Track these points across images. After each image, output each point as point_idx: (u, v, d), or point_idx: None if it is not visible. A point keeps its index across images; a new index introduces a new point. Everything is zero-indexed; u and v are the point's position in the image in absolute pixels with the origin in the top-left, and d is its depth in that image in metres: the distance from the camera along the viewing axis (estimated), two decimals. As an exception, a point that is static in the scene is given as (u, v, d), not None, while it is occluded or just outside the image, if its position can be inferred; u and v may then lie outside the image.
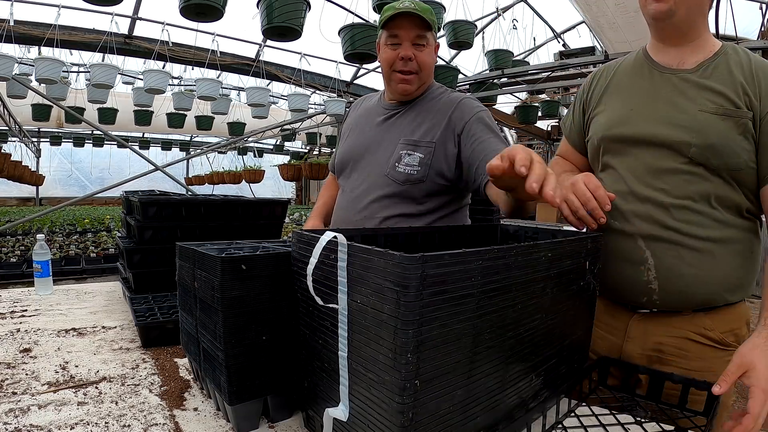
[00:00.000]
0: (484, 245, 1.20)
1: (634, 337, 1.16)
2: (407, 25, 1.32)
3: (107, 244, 6.84)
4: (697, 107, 1.05)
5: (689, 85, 1.08)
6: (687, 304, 1.10)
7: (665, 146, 1.08)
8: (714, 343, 1.11)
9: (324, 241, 0.72)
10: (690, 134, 1.04)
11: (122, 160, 14.75)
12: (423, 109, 1.42)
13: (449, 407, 0.68)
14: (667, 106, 1.09)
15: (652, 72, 1.15)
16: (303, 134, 10.93)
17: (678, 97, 1.08)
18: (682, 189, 1.07)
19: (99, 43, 5.00)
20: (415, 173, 1.35)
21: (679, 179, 1.07)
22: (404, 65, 1.35)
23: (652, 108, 1.11)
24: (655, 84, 1.13)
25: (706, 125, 1.03)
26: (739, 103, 1.03)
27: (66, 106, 6.64)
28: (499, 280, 0.72)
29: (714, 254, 1.07)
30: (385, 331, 0.62)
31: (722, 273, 1.08)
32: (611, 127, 1.17)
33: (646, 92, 1.13)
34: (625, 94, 1.17)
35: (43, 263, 1.82)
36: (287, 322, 0.87)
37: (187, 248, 0.95)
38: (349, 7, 5.58)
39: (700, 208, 1.06)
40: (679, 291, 1.09)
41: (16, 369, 1.12)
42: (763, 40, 4.27)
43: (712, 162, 1.04)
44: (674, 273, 1.08)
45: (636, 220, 1.11)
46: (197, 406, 0.96)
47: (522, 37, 8.64)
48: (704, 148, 1.03)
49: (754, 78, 1.04)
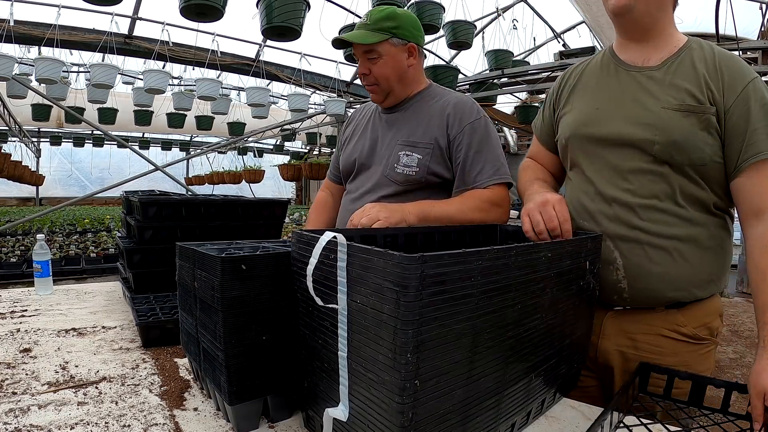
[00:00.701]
0: (485, 245, 1.21)
1: (609, 334, 1.17)
2: (356, 45, 1.39)
3: (107, 244, 6.84)
4: (660, 104, 1.06)
5: (653, 82, 1.08)
6: (657, 302, 1.11)
7: (630, 145, 1.08)
8: (687, 338, 1.12)
9: (324, 241, 0.72)
10: (653, 132, 1.05)
11: (122, 160, 14.75)
12: (420, 111, 1.44)
13: (449, 407, 0.68)
14: (632, 104, 1.10)
15: (618, 70, 1.15)
16: (303, 134, 10.92)
17: (643, 95, 1.09)
18: (647, 188, 1.07)
19: (99, 43, 5.01)
20: (414, 174, 1.38)
21: (644, 179, 1.08)
22: (364, 80, 1.45)
23: (618, 107, 1.12)
24: (620, 82, 1.13)
25: (669, 122, 1.04)
26: (702, 98, 1.03)
27: (66, 106, 6.63)
28: (499, 280, 0.72)
29: (681, 252, 1.07)
30: (384, 331, 0.62)
31: (690, 271, 1.08)
32: (578, 127, 1.18)
33: (612, 91, 1.14)
34: (592, 93, 1.18)
35: (43, 263, 1.83)
36: (287, 322, 0.87)
37: (187, 248, 0.95)
38: (349, 7, 5.58)
39: (666, 206, 1.07)
40: (648, 289, 1.10)
41: (16, 369, 1.12)
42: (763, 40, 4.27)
43: (675, 159, 1.04)
44: (642, 272, 1.09)
45: (604, 221, 1.12)
46: (197, 406, 0.96)
47: (522, 37, 8.66)
48: (667, 145, 1.04)
49: (717, 72, 1.03)
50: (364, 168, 1.51)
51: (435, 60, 6.82)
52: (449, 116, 1.39)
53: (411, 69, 1.44)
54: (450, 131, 1.38)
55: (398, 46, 1.40)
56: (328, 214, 1.69)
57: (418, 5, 4.45)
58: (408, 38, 1.41)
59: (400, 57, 1.41)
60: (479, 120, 1.39)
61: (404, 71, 1.43)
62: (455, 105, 1.40)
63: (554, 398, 0.99)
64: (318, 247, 0.73)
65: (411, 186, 1.39)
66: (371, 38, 1.35)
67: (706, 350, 1.14)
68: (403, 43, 1.40)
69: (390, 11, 1.39)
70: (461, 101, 1.42)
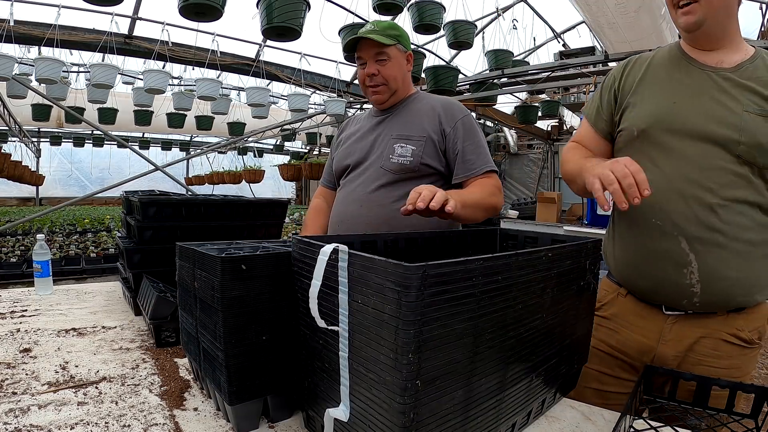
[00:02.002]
0: (485, 248, 1.21)
1: (670, 340, 1.15)
2: (366, 46, 1.52)
3: (107, 244, 6.84)
4: (742, 107, 1.04)
5: (730, 84, 1.07)
6: (725, 306, 1.10)
7: (713, 142, 1.06)
8: (743, 342, 1.11)
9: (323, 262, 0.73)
10: (738, 132, 1.04)
11: (122, 160, 14.74)
12: (412, 110, 1.57)
13: (450, 407, 0.68)
14: (712, 103, 1.07)
15: (690, 68, 1.13)
16: (303, 134, 10.92)
17: (722, 95, 1.07)
18: (728, 188, 1.05)
19: (99, 43, 5.00)
20: (408, 163, 1.49)
21: (725, 178, 1.05)
22: (371, 81, 1.55)
23: (697, 103, 1.09)
24: (695, 80, 1.11)
25: (753, 125, 1.03)
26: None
27: (66, 106, 6.63)
28: (500, 281, 0.72)
29: (754, 257, 1.07)
30: (386, 331, 0.62)
31: (759, 275, 1.08)
32: (656, 118, 1.13)
33: (688, 87, 1.11)
34: (665, 87, 1.14)
35: (43, 263, 1.82)
36: (287, 322, 0.87)
37: (187, 248, 0.95)
38: (349, 7, 5.58)
39: (743, 209, 1.05)
40: (722, 293, 1.08)
41: (16, 369, 1.12)
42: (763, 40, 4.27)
43: (758, 161, 1.03)
44: (717, 276, 1.07)
45: (680, 220, 1.09)
46: (197, 406, 0.96)
47: (522, 37, 8.65)
48: (753, 147, 1.03)
49: None
50: (359, 164, 1.59)
51: (435, 60, 6.82)
52: (440, 114, 1.52)
53: (408, 74, 1.61)
54: (444, 127, 1.50)
55: (401, 53, 1.56)
56: (323, 220, 1.73)
57: (418, 5, 4.44)
58: (407, 47, 1.59)
59: (402, 62, 1.57)
60: (468, 116, 1.54)
61: (405, 75, 1.59)
62: (444, 104, 1.55)
63: (555, 398, 0.99)
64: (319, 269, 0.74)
65: (405, 175, 1.49)
66: (386, 40, 1.50)
67: (754, 354, 1.14)
68: (404, 50, 1.57)
69: (393, 23, 1.58)
70: (449, 101, 1.57)
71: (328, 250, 0.72)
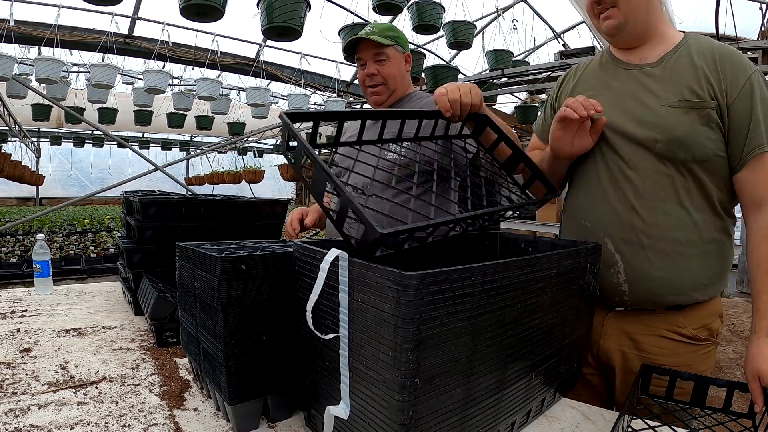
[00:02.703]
0: (485, 252, 1.20)
1: (610, 334, 1.17)
2: (366, 47, 1.57)
3: (107, 244, 6.84)
4: (660, 102, 1.06)
5: (653, 80, 1.09)
6: (657, 305, 1.11)
7: (633, 143, 1.08)
8: (687, 339, 1.12)
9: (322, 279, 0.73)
10: (655, 130, 1.05)
11: (122, 160, 14.75)
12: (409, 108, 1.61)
13: (449, 405, 0.68)
14: (632, 102, 1.10)
15: (617, 69, 1.16)
16: (303, 134, 10.92)
17: (643, 93, 1.09)
18: (651, 188, 1.07)
19: (99, 43, 5.00)
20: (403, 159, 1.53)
21: (649, 178, 1.07)
22: (371, 81, 1.60)
23: (619, 104, 1.12)
24: (621, 81, 1.14)
25: (670, 119, 1.04)
26: (702, 93, 1.03)
27: (66, 106, 6.63)
28: (499, 280, 0.72)
29: (683, 257, 1.07)
30: (385, 330, 0.63)
31: (691, 275, 1.08)
32: None
33: (613, 89, 1.15)
34: (593, 93, 1.18)
35: (43, 263, 1.83)
36: (287, 322, 0.87)
37: (187, 248, 0.95)
38: (349, 7, 5.58)
39: (670, 209, 1.06)
40: (649, 293, 1.10)
41: (16, 369, 1.12)
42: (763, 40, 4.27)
43: (679, 155, 1.04)
44: (643, 276, 1.09)
45: (605, 222, 1.12)
46: (197, 406, 0.96)
47: (522, 37, 8.65)
48: (669, 143, 1.04)
49: (717, 67, 1.04)
50: None
51: (435, 60, 6.82)
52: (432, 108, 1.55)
53: (407, 74, 1.67)
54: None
55: (400, 53, 1.62)
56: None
57: (418, 5, 4.45)
58: (405, 48, 1.65)
59: (401, 62, 1.63)
60: None
61: (404, 75, 1.64)
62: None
63: (554, 398, 0.99)
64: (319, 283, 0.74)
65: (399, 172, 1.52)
66: (385, 41, 1.56)
67: (706, 351, 1.14)
68: (402, 51, 1.63)
69: (391, 25, 1.65)
70: None
71: (327, 263, 0.72)
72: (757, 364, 0.94)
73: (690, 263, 1.07)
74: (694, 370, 1.06)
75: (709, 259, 1.09)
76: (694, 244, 1.07)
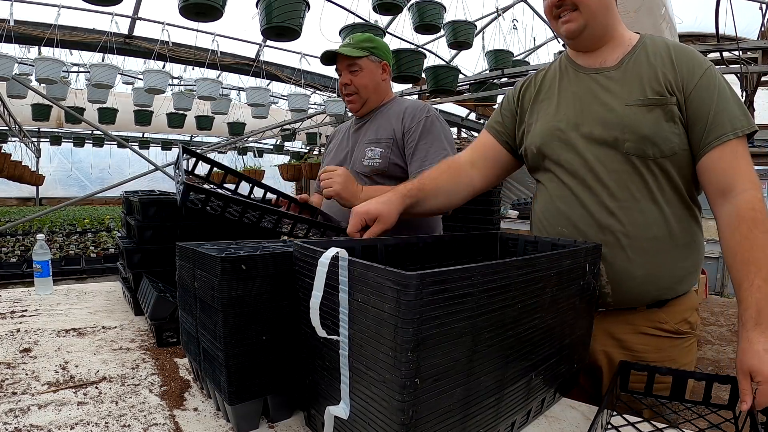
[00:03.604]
0: (485, 252, 1.21)
1: (594, 336, 1.17)
2: (341, 59, 1.68)
3: (107, 244, 6.84)
4: (623, 102, 1.07)
5: (613, 82, 1.10)
6: (640, 302, 1.13)
7: (602, 145, 1.09)
8: (670, 333, 1.13)
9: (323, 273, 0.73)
10: (621, 130, 1.06)
11: (122, 160, 14.73)
12: (384, 116, 1.71)
13: (449, 405, 0.68)
14: (597, 106, 1.11)
15: (577, 75, 1.17)
16: (303, 134, 10.92)
17: (605, 96, 1.10)
18: (625, 189, 1.08)
19: (99, 43, 5.00)
20: (378, 164, 1.63)
21: (620, 178, 1.08)
22: (345, 89, 1.71)
23: (583, 109, 1.13)
24: (581, 85, 1.15)
25: (635, 119, 1.05)
26: (662, 90, 1.05)
27: (66, 106, 6.62)
28: (499, 280, 0.72)
29: (662, 252, 1.08)
30: (385, 330, 0.63)
31: (670, 269, 1.10)
32: (550, 133, 1.18)
33: (574, 95, 1.16)
34: (556, 101, 1.19)
35: (43, 263, 1.82)
36: (287, 322, 0.87)
37: (187, 248, 0.95)
38: (349, 7, 5.58)
39: (644, 207, 1.08)
40: (632, 292, 1.11)
41: (16, 369, 1.12)
42: (763, 40, 4.26)
43: (648, 153, 1.06)
44: (626, 276, 1.10)
45: (582, 226, 1.12)
46: (197, 406, 0.96)
47: (522, 37, 8.64)
48: (638, 141, 1.05)
49: (673, 63, 1.06)
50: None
51: (435, 60, 6.80)
52: (404, 114, 1.65)
53: (383, 83, 1.75)
54: (404, 124, 1.63)
55: (375, 63, 1.70)
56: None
57: (418, 5, 4.44)
58: (382, 58, 1.72)
59: (376, 72, 1.71)
60: (430, 118, 1.63)
61: (378, 84, 1.72)
62: (410, 106, 1.68)
63: (554, 397, 0.99)
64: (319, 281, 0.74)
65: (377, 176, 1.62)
66: (356, 53, 1.65)
67: (688, 343, 1.16)
68: (378, 60, 1.71)
69: (369, 36, 1.72)
70: (415, 103, 1.71)
71: (327, 259, 0.72)
72: (748, 360, 0.93)
73: (669, 257, 1.09)
74: (679, 364, 1.09)
75: (686, 251, 1.11)
76: (670, 238, 1.08)
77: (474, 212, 2.21)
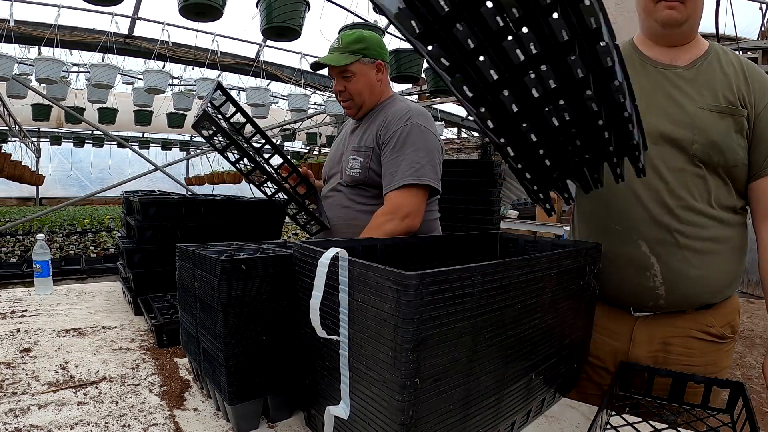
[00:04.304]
0: (485, 252, 1.20)
1: (641, 342, 1.15)
2: (331, 66, 1.57)
3: (107, 244, 6.84)
4: (695, 104, 1.05)
5: (685, 81, 1.08)
6: (692, 305, 1.11)
7: (669, 143, 1.06)
8: (715, 338, 1.12)
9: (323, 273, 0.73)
10: (692, 131, 1.04)
11: (122, 160, 14.74)
12: (371, 121, 1.63)
13: (449, 405, 0.68)
14: (666, 101, 1.08)
15: (645, 66, 1.13)
16: (303, 134, 10.92)
17: (676, 93, 1.07)
18: (684, 188, 1.06)
19: (99, 43, 4.99)
20: (358, 175, 1.57)
21: (681, 178, 1.06)
22: (340, 96, 1.63)
23: (652, 103, 1.09)
24: (649, 79, 1.11)
25: (707, 122, 1.03)
26: (734, 101, 1.04)
27: (66, 106, 6.63)
28: (499, 280, 0.72)
29: (716, 253, 1.07)
30: (385, 330, 0.63)
31: (723, 271, 1.09)
32: None
33: (642, 87, 1.11)
34: None
35: (43, 263, 1.82)
36: (287, 322, 0.87)
37: (187, 250, 0.95)
38: (349, 7, 5.58)
39: (702, 208, 1.06)
40: (686, 293, 1.09)
41: (16, 369, 1.12)
42: (763, 40, 4.26)
43: (713, 159, 1.04)
44: (681, 276, 1.08)
45: (639, 224, 1.10)
46: (197, 406, 0.96)
47: (522, 37, 8.62)
48: (706, 145, 1.03)
49: (746, 77, 1.05)
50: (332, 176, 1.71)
51: (435, 60, 6.81)
52: (383, 122, 1.55)
53: (379, 83, 1.63)
54: (380, 135, 1.54)
55: (368, 65, 1.58)
56: None
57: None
58: (375, 57, 1.59)
59: (370, 74, 1.59)
60: (406, 126, 1.50)
61: (374, 85, 1.61)
62: (391, 114, 1.55)
63: (554, 398, 0.99)
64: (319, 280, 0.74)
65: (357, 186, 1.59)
66: (345, 60, 1.54)
67: (729, 348, 1.15)
68: (372, 61, 1.59)
69: (358, 35, 1.58)
70: (397, 111, 1.55)
71: (327, 259, 0.72)
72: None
73: (721, 260, 1.08)
74: (720, 368, 1.09)
75: (736, 254, 1.11)
76: (724, 241, 1.08)
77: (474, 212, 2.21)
